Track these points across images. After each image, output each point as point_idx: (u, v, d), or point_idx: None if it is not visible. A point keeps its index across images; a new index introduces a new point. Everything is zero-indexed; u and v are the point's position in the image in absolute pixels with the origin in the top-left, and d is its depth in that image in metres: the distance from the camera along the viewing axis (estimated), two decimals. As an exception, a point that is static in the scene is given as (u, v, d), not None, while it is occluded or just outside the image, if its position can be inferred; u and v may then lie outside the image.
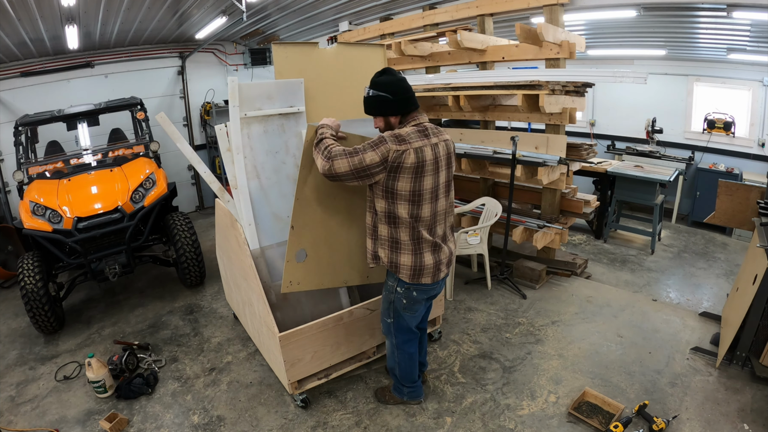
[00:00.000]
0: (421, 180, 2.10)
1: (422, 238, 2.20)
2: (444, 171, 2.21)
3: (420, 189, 2.12)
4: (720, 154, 6.36)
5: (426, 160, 2.09)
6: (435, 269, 2.27)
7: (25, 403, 3.03)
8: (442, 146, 2.18)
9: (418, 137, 2.08)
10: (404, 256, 2.23)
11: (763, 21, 3.93)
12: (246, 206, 2.80)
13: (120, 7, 4.61)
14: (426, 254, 2.23)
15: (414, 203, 2.14)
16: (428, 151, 2.09)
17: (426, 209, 2.18)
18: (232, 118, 2.75)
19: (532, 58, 3.97)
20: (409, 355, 2.56)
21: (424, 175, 2.10)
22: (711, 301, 4.12)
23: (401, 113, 2.16)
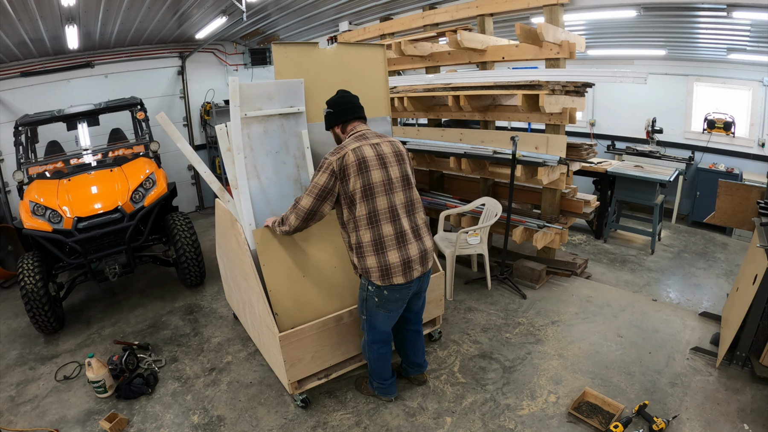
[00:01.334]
0: (367, 174, 2.22)
1: (383, 236, 2.25)
2: (395, 166, 2.31)
3: (369, 182, 2.23)
4: (720, 154, 6.36)
5: (366, 156, 2.24)
6: (405, 267, 2.28)
7: (25, 403, 3.03)
8: (385, 145, 2.32)
9: (354, 141, 2.29)
10: (369, 259, 2.27)
11: (763, 21, 3.93)
12: (246, 206, 2.80)
13: (120, 7, 4.61)
14: (390, 252, 2.26)
15: (368, 198, 2.23)
16: (367, 149, 2.26)
17: (381, 201, 2.25)
18: (232, 118, 2.75)
19: (532, 58, 3.97)
20: (379, 354, 2.58)
21: (369, 169, 2.23)
22: (711, 301, 4.12)
23: (341, 123, 2.41)
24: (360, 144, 2.26)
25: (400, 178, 2.32)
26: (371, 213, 2.24)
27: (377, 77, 3.34)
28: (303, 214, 2.31)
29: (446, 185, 5.49)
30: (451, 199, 5.00)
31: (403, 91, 4.66)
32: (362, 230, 2.25)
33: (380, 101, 3.39)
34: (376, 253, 2.25)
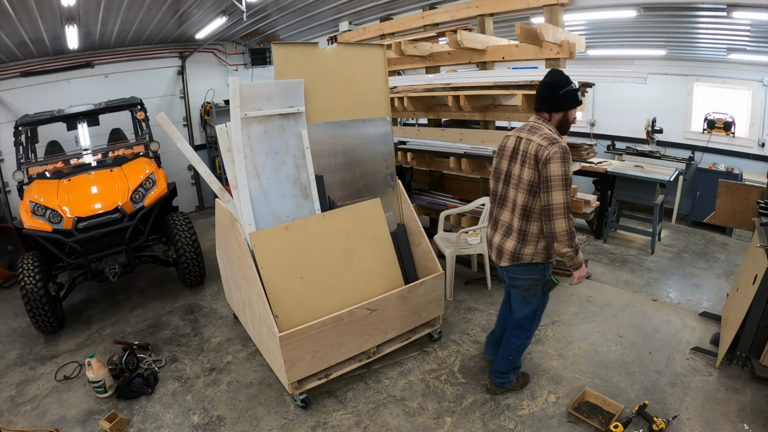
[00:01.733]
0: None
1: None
2: (511, 161, 2.41)
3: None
4: (720, 154, 6.36)
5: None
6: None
7: (25, 403, 3.03)
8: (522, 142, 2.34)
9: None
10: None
11: (763, 21, 3.93)
12: (246, 206, 2.80)
13: (120, 7, 4.61)
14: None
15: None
16: (509, 140, 2.44)
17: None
18: (233, 118, 2.75)
19: (532, 58, 3.97)
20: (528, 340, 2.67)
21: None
22: (711, 301, 4.12)
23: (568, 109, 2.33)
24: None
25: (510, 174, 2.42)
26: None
27: (377, 77, 3.35)
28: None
29: (446, 185, 5.49)
30: (451, 199, 5.00)
31: (403, 91, 4.65)
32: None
33: (380, 101, 3.39)
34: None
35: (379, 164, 3.47)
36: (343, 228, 3.01)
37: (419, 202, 5.09)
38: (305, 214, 3.01)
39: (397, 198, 3.53)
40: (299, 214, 3.00)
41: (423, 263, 3.35)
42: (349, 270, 2.96)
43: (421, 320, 3.22)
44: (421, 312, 3.19)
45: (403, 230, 3.41)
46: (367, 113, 3.35)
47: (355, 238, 3.03)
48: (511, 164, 2.35)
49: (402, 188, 3.53)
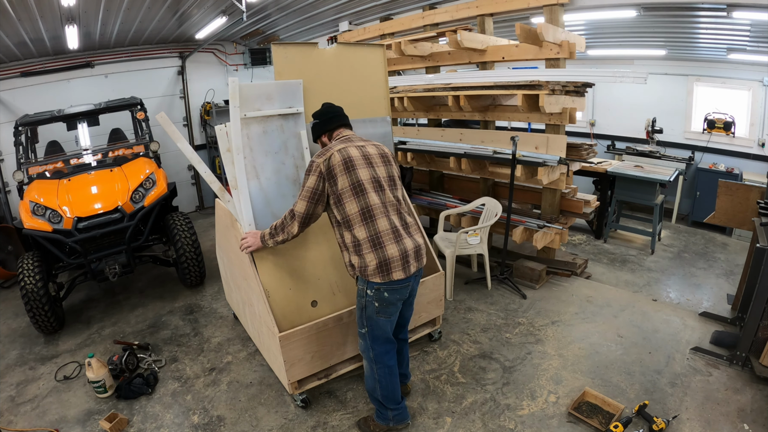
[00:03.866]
0: (354, 172, 2.23)
1: (379, 230, 2.21)
2: (381, 166, 2.33)
3: (358, 179, 2.23)
4: (720, 154, 6.37)
5: (352, 156, 2.26)
6: (403, 261, 2.22)
7: (25, 403, 3.03)
8: (370, 147, 2.36)
9: (339, 143, 2.32)
10: (368, 255, 2.20)
11: (763, 21, 3.93)
12: (246, 206, 2.80)
13: (120, 7, 4.61)
14: (388, 246, 2.20)
15: (357, 194, 2.22)
16: (352, 149, 2.29)
17: (373, 197, 2.24)
18: (232, 119, 2.75)
19: (532, 58, 3.97)
20: (388, 368, 2.39)
21: (355, 168, 2.24)
22: (711, 301, 4.12)
23: (327, 131, 2.44)
24: (345, 145, 2.30)
25: (387, 178, 2.33)
26: (364, 209, 2.21)
27: (377, 77, 3.35)
28: (301, 219, 2.30)
29: (446, 185, 5.49)
30: (451, 199, 5.00)
31: (403, 91, 4.66)
32: (357, 227, 2.21)
33: (380, 101, 3.39)
34: (374, 248, 2.19)
35: (379, 164, 3.46)
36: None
37: (419, 202, 5.09)
38: (305, 214, 3.01)
39: (397, 198, 3.52)
40: (299, 214, 2.99)
41: (423, 263, 3.34)
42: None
43: (421, 320, 3.22)
44: (421, 312, 3.18)
45: (403, 230, 3.40)
46: (367, 113, 3.35)
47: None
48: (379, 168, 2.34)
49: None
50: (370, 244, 2.20)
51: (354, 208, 2.21)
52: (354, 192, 2.21)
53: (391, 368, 2.40)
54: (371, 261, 2.19)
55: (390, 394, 2.43)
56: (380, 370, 2.39)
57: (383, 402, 2.45)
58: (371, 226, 2.21)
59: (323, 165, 2.21)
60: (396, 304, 2.31)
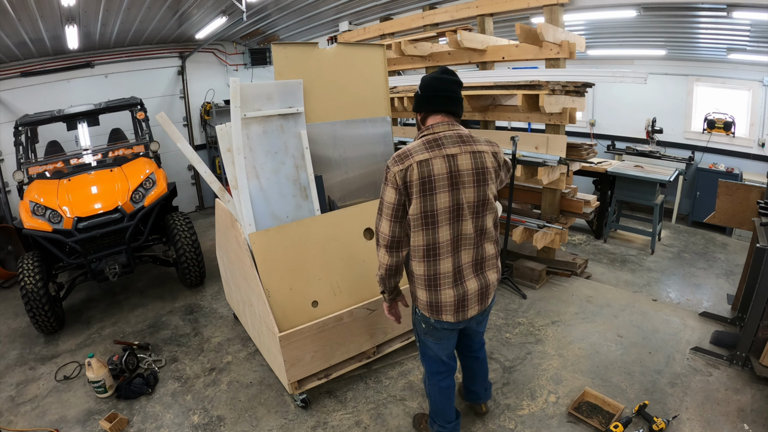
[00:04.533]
0: (431, 197, 1.78)
1: (439, 272, 1.86)
2: (470, 188, 1.82)
3: (433, 208, 1.79)
4: (720, 154, 6.36)
5: (434, 175, 1.77)
6: (458, 306, 1.90)
7: (25, 403, 3.03)
8: (465, 158, 1.81)
9: (424, 149, 1.80)
10: (420, 291, 1.93)
11: (763, 21, 3.93)
12: (246, 206, 2.80)
13: (120, 7, 4.61)
14: (445, 290, 1.88)
15: (427, 226, 1.81)
16: (438, 162, 1.78)
17: (444, 232, 1.82)
18: (233, 119, 2.75)
19: (532, 58, 3.97)
20: (440, 389, 2.18)
21: (434, 191, 1.78)
22: (711, 301, 4.12)
23: (420, 111, 1.96)
24: (432, 155, 1.78)
25: (474, 204, 1.85)
26: (430, 245, 1.83)
27: (377, 77, 3.35)
28: (387, 243, 1.88)
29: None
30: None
31: (403, 91, 4.66)
32: (416, 261, 1.88)
33: (380, 101, 3.39)
34: (428, 288, 1.89)
35: (379, 164, 3.47)
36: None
37: (419, 202, 5.08)
38: (305, 214, 3.01)
39: (397, 198, 3.52)
40: (299, 214, 3.00)
41: (423, 263, 3.34)
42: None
43: (421, 320, 3.22)
44: (421, 312, 3.18)
45: (403, 230, 3.40)
46: (367, 113, 3.35)
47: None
48: (467, 191, 1.83)
49: (402, 188, 3.53)
50: (425, 283, 1.89)
51: (419, 241, 1.84)
52: (424, 222, 1.81)
53: (442, 390, 2.19)
54: (422, 297, 1.93)
55: (439, 411, 2.25)
56: (431, 387, 2.23)
57: (432, 414, 2.30)
58: (432, 265, 1.86)
59: (399, 177, 1.78)
60: (446, 331, 2.04)
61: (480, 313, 2.01)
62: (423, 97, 1.92)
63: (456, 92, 1.92)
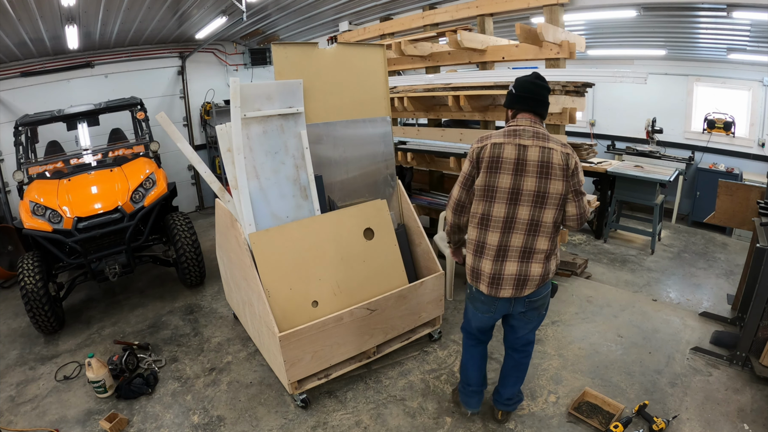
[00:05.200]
0: (495, 175, 2.04)
1: (486, 242, 2.10)
2: (533, 178, 2.01)
3: (493, 185, 2.05)
4: (720, 154, 6.37)
5: (503, 157, 2.02)
6: (492, 280, 2.10)
7: (25, 403, 3.03)
8: (534, 151, 2.01)
9: (502, 135, 2.07)
10: (468, 255, 2.21)
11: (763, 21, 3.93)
12: (246, 206, 2.80)
13: (120, 7, 4.61)
14: (485, 260, 2.10)
15: (486, 200, 2.08)
16: (509, 148, 2.03)
17: (498, 209, 2.05)
18: (233, 119, 2.75)
19: (532, 58, 3.97)
20: (465, 348, 2.50)
21: (499, 171, 2.03)
22: (711, 301, 4.12)
23: (511, 108, 2.19)
24: (507, 140, 2.04)
25: (533, 193, 2.02)
26: (484, 216, 2.09)
27: (377, 77, 3.35)
28: (453, 205, 2.20)
29: (446, 185, 5.48)
30: (451, 199, 4.99)
31: (403, 91, 4.65)
32: (471, 226, 2.17)
33: (380, 101, 3.39)
34: (474, 254, 2.16)
35: (379, 164, 3.47)
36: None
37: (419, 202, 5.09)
38: (305, 214, 3.01)
39: (397, 198, 3.53)
40: (299, 214, 3.00)
41: (423, 263, 3.35)
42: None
43: (421, 320, 3.22)
44: (421, 312, 3.19)
45: (403, 230, 3.41)
46: (367, 113, 3.35)
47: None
48: (528, 179, 2.02)
49: (402, 188, 3.54)
50: (474, 248, 2.16)
51: (477, 209, 2.12)
52: (485, 195, 2.08)
53: (467, 350, 2.49)
54: (468, 261, 2.21)
55: (462, 369, 2.55)
56: (463, 348, 2.54)
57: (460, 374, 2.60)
58: (482, 234, 2.11)
59: (475, 153, 2.10)
60: (483, 305, 2.23)
61: (520, 303, 2.16)
62: (517, 96, 2.15)
63: (545, 97, 2.16)
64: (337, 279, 2.91)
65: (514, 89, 2.16)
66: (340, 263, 2.93)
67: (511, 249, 2.08)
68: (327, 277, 2.89)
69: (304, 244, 2.86)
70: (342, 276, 2.92)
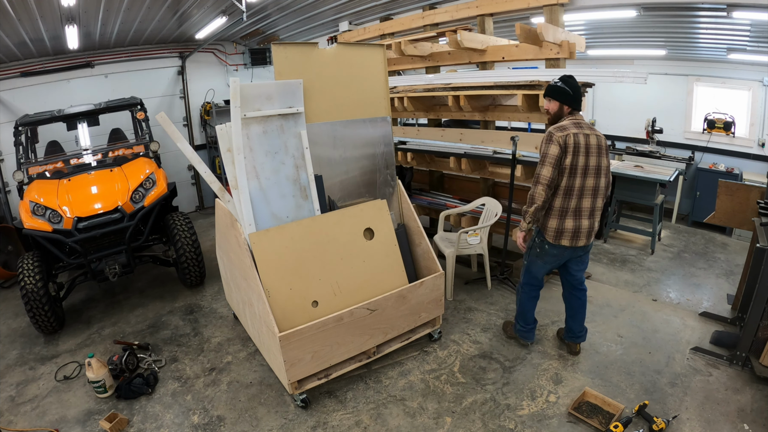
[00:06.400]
0: (577, 157, 2.67)
1: (569, 207, 2.74)
2: (595, 156, 2.71)
3: (575, 164, 2.68)
4: (720, 154, 6.36)
5: (581, 144, 2.67)
6: (574, 234, 2.77)
7: (25, 403, 3.03)
8: (593, 138, 2.72)
9: (573, 127, 2.70)
10: (552, 220, 2.78)
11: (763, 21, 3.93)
12: (246, 206, 2.80)
13: (120, 7, 4.61)
14: (568, 220, 2.76)
15: (571, 175, 2.70)
16: (582, 137, 2.68)
17: (578, 181, 2.71)
18: (233, 119, 2.75)
19: (532, 58, 3.97)
20: (529, 297, 3.10)
21: (579, 154, 2.67)
22: (711, 301, 4.11)
23: (568, 105, 2.78)
24: (578, 131, 2.68)
25: (595, 167, 2.73)
26: (568, 188, 2.71)
27: (377, 77, 3.35)
28: (547, 182, 2.68)
29: (446, 185, 5.49)
30: (451, 199, 5.00)
31: (403, 91, 4.66)
32: (559, 197, 2.74)
33: (380, 101, 3.39)
34: (559, 217, 2.76)
35: (379, 164, 3.47)
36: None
37: (419, 202, 5.09)
38: (305, 214, 3.01)
39: (397, 198, 3.53)
40: (299, 214, 3.00)
41: (423, 263, 3.35)
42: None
43: (421, 320, 3.22)
44: (421, 312, 3.19)
45: (403, 230, 3.41)
46: (367, 113, 3.35)
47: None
48: (592, 158, 2.71)
49: (402, 188, 3.54)
50: (559, 213, 2.76)
51: (564, 183, 2.71)
52: (569, 172, 2.69)
53: (531, 298, 3.11)
54: (552, 225, 2.79)
55: (523, 314, 3.15)
56: (523, 294, 3.11)
57: (517, 315, 3.20)
58: (566, 201, 2.74)
59: (562, 139, 2.64)
60: (554, 257, 2.91)
61: (582, 248, 2.86)
62: (573, 97, 2.78)
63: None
64: (337, 279, 2.91)
65: (571, 90, 2.75)
66: (340, 263, 2.93)
67: (584, 210, 2.77)
68: (327, 277, 2.89)
69: (304, 244, 2.86)
70: (342, 276, 2.92)
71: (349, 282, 2.93)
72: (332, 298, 2.87)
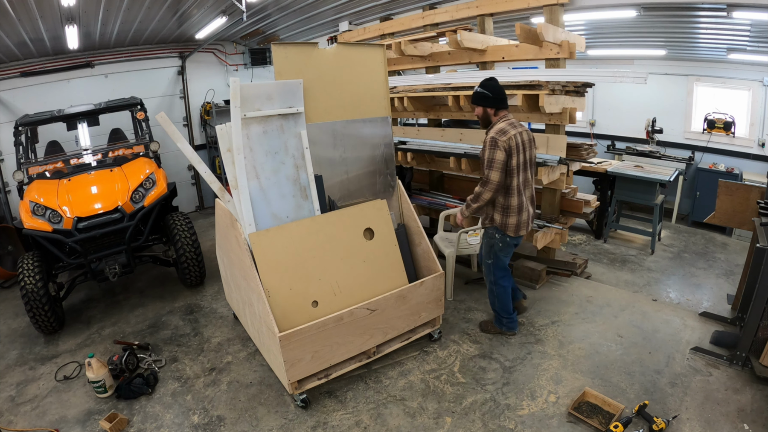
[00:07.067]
0: (519, 155, 2.92)
1: (522, 202, 3.01)
2: (528, 150, 2.99)
3: (518, 163, 2.92)
4: (720, 154, 6.37)
5: (519, 142, 2.91)
6: (527, 223, 3.11)
7: (25, 403, 3.03)
8: (525, 134, 2.98)
9: (509, 127, 2.90)
10: (512, 217, 3.02)
11: (763, 21, 3.93)
12: (246, 206, 2.80)
13: (120, 7, 4.61)
14: (523, 213, 3.05)
15: (516, 174, 2.94)
16: (518, 136, 2.90)
17: (522, 176, 2.99)
18: (233, 119, 2.75)
19: (532, 58, 3.97)
20: (504, 288, 3.24)
21: (520, 152, 2.92)
22: (711, 301, 4.12)
23: (495, 108, 2.98)
24: (516, 131, 2.90)
25: (530, 160, 3.03)
26: (518, 185, 2.96)
27: (377, 77, 3.35)
28: (495, 186, 2.90)
29: (446, 185, 5.49)
30: (451, 199, 5.00)
31: (403, 91, 4.66)
32: (513, 196, 2.97)
33: (380, 101, 3.39)
34: (517, 214, 3.01)
35: (379, 164, 3.47)
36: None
37: (419, 202, 5.09)
38: (305, 214, 3.01)
39: (397, 198, 3.53)
40: (299, 214, 3.00)
41: (423, 263, 3.35)
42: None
43: (421, 320, 3.22)
44: (421, 312, 3.19)
45: (404, 230, 3.41)
46: (367, 113, 3.35)
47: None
48: (527, 152, 2.99)
49: (402, 188, 3.54)
50: (517, 209, 3.01)
51: (514, 182, 2.94)
52: (516, 170, 2.92)
53: (505, 288, 3.25)
54: (513, 221, 3.03)
55: (504, 306, 3.30)
56: (498, 289, 3.25)
57: (499, 312, 3.34)
58: (520, 197, 3.00)
59: (506, 144, 2.85)
60: (512, 248, 3.19)
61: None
62: (494, 98, 2.97)
63: None
64: (337, 279, 2.91)
65: (492, 93, 2.95)
66: (340, 263, 2.93)
67: (527, 200, 3.07)
68: (327, 277, 2.89)
69: (304, 244, 2.86)
70: (342, 276, 2.92)
71: (349, 282, 2.93)
72: (332, 298, 2.87)
